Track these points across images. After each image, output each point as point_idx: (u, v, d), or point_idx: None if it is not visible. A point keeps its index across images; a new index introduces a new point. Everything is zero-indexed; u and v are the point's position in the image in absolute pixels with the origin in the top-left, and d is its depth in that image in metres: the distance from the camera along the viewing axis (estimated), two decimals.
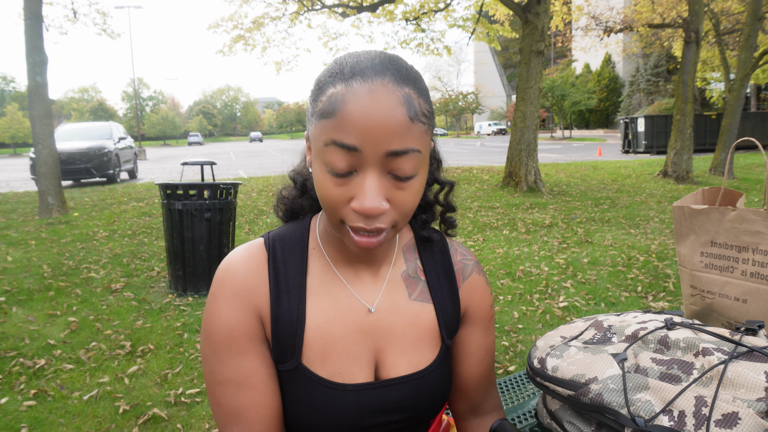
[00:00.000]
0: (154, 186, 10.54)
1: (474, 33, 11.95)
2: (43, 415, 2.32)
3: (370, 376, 0.73)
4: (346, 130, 0.59)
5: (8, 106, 49.13)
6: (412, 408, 0.74)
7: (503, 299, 3.72)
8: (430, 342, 0.76)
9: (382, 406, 0.72)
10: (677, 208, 1.00)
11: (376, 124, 0.58)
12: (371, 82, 0.59)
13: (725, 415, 0.61)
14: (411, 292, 0.77)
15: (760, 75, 15.13)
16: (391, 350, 0.74)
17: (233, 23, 11.83)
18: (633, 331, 0.79)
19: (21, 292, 3.99)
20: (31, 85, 7.07)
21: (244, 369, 0.68)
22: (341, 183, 0.62)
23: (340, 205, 0.62)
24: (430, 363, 0.76)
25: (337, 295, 0.73)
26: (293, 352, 0.69)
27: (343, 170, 0.61)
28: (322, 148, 0.61)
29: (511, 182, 9.25)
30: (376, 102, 0.59)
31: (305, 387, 0.69)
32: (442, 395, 0.78)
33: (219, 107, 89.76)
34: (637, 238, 5.44)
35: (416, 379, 0.74)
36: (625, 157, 18.46)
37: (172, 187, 3.75)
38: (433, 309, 0.77)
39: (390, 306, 0.75)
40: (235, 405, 0.68)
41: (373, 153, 0.59)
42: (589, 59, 47.44)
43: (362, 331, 0.73)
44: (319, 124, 0.62)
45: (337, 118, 0.59)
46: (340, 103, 0.59)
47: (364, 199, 0.60)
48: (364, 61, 0.62)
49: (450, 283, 0.81)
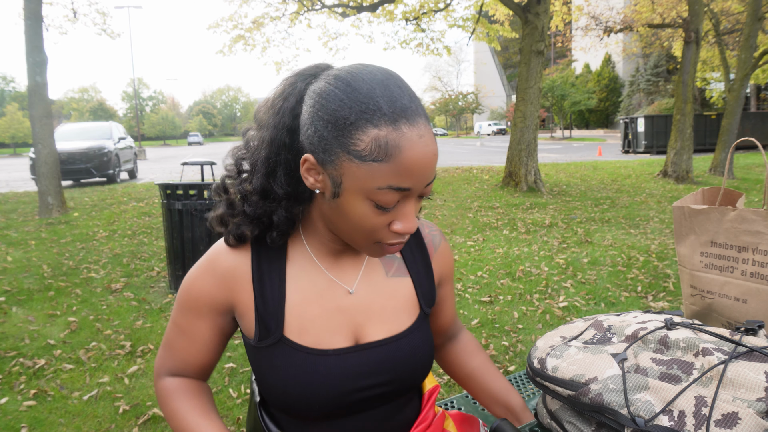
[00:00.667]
0: (154, 186, 10.54)
1: (474, 33, 11.95)
2: (43, 415, 2.32)
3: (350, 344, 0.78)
4: (403, 176, 0.63)
5: (8, 106, 49.07)
6: (392, 370, 0.78)
7: (503, 299, 3.72)
8: (408, 311, 0.83)
9: (363, 369, 0.76)
10: (677, 208, 1.00)
11: (428, 166, 0.65)
12: (417, 127, 0.64)
13: (725, 415, 0.61)
14: (388, 270, 0.84)
15: (760, 75, 15.13)
16: (370, 323, 0.79)
17: (233, 23, 11.83)
18: (633, 331, 0.79)
19: (21, 292, 3.99)
20: (31, 85, 7.06)
21: (194, 326, 0.80)
22: (384, 214, 0.67)
23: (379, 230, 0.69)
24: (407, 327, 0.81)
25: (316, 280, 0.79)
26: (276, 326, 0.76)
27: (391, 205, 0.66)
28: (372, 191, 0.64)
29: (511, 182, 9.26)
30: (426, 147, 0.64)
31: (289, 357, 0.75)
32: (423, 359, 0.82)
33: (219, 107, 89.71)
34: (637, 238, 5.44)
35: (393, 342, 0.79)
36: (625, 157, 18.46)
37: (172, 187, 3.75)
38: (410, 281, 0.85)
39: (368, 286, 0.81)
40: (173, 342, 0.82)
41: (419, 188, 0.66)
42: (589, 59, 47.44)
43: (341, 309, 0.78)
44: (362, 165, 0.63)
45: (392, 164, 0.63)
46: (394, 149, 0.62)
47: (408, 223, 0.68)
48: (395, 97, 0.64)
49: (423, 255, 0.88)
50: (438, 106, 58.66)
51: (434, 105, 60.18)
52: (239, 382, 2.61)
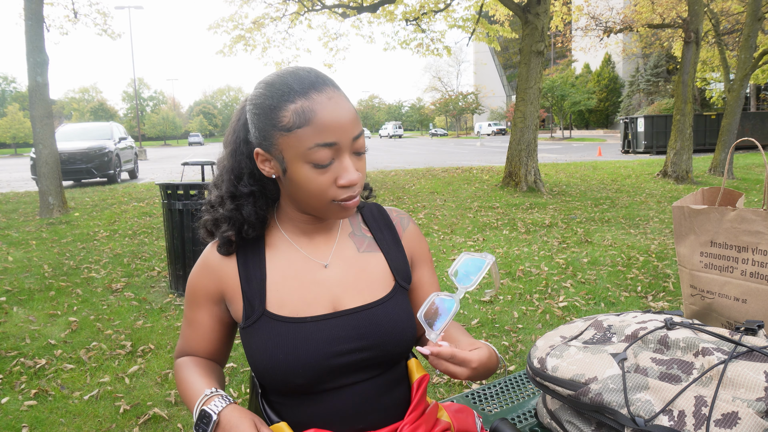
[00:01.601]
0: (154, 186, 10.55)
1: (474, 33, 11.95)
2: (43, 414, 2.32)
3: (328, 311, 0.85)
4: (325, 133, 0.76)
5: (9, 107, 49.07)
6: (372, 335, 0.84)
7: (503, 299, 3.72)
8: (382, 283, 0.90)
9: (341, 333, 0.83)
10: (677, 208, 1.00)
11: (344, 120, 0.77)
12: (325, 92, 0.78)
13: (725, 415, 0.61)
14: (359, 246, 0.93)
15: (760, 75, 15.13)
16: (346, 294, 0.87)
17: (233, 23, 11.83)
18: (633, 331, 0.80)
19: (22, 292, 3.99)
20: (32, 86, 7.07)
21: (196, 316, 0.92)
22: (325, 172, 0.78)
23: (328, 189, 0.79)
24: (383, 296, 0.88)
25: (292, 258, 0.89)
26: (260, 302, 0.86)
27: (326, 162, 0.77)
28: (305, 152, 0.77)
29: (510, 182, 9.26)
30: (337, 105, 0.78)
31: (273, 328, 0.83)
32: (403, 328, 0.87)
33: (219, 107, 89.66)
34: (636, 238, 5.44)
35: (370, 309, 0.86)
36: (625, 157, 18.45)
37: (172, 187, 3.75)
38: (382, 256, 0.93)
39: (341, 261, 0.90)
40: (184, 332, 0.95)
41: (345, 142, 0.78)
42: (588, 59, 47.41)
43: (317, 281, 0.87)
44: (291, 135, 0.77)
45: (313, 125, 0.76)
46: (310, 113, 0.76)
47: (348, 175, 0.79)
48: (303, 77, 0.78)
49: (392, 234, 0.97)
50: (438, 106, 58.62)
51: (434, 105, 60.18)
52: (239, 381, 2.62)
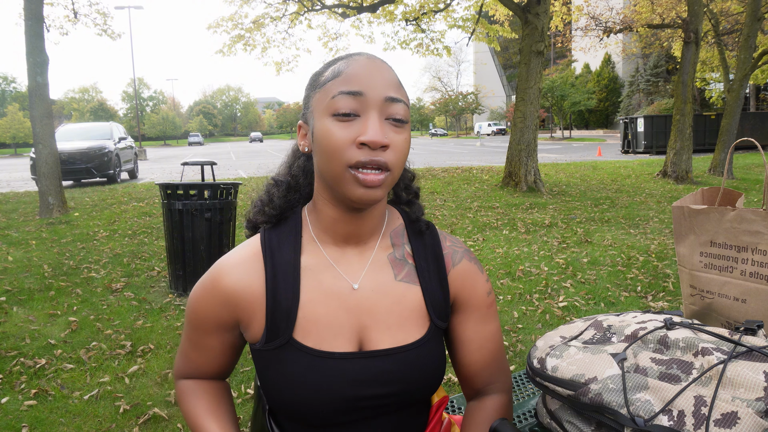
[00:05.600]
0: (154, 186, 10.54)
1: (474, 33, 11.95)
2: (43, 414, 2.32)
3: (354, 348, 0.76)
4: (351, 81, 0.70)
5: (9, 107, 49.06)
6: (398, 382, 0.76)
7: (503, 299, 3.72)
8: (417, 321, 0.79)
9: (367, 376, 0.75)
10: (677, 208, 1.00)
11: (377, 75, 0.71)
12: (368, 57, 0.73)
13: (724, 415, 0.61)
14: (397, 273, 0.80)
15: (760, 75, 15.12)
16: (376, 327, 0.77)
17: (233, 23, 11.83)
18: (632, 330, 0.80)
19: (21, 292, 3.99)
20: (32, 86, 7.07)
21: (204, 341, 0.82)
22: (346, 126, 0.69)
23: (345, 146, 0.69)
24: (417, 339, 0.78)
25: (324, 275, 0.78)
26: (287, 327, 0.75)
27: (347, 110, 0.69)
28: (329, 103, 0.70)
29: (510, 182, 9.26)
30: (374, 64, 0.72)
31: (295, 359, 0.74)
32: (434, 375, 0.79)
33: (219, 107, 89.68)
34: (636, 238, 5.44)
35: (400, 353, 0.76)
36: (625, 157, 18.45)
37: (172, 187, 3.75)
38: (420, 290, 0.80)
39: (375, 285, 0.78)
40: (187, 352, 0.85)
41: (374, 97, 0.70)
42: (588, 59, 47.42)
43: (346, 308, 0.77)
44: (323, 89, 0.73)
45: (342, 76, 0.71)
46: (344, 66, 0.72)
47: (369, 132, 0.68)
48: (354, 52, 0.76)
49: (438, 267, 0.83)
50: (438, 106, 58.63)
51: (434, 105, 60.18)
52: (239, 381, 2.62)
